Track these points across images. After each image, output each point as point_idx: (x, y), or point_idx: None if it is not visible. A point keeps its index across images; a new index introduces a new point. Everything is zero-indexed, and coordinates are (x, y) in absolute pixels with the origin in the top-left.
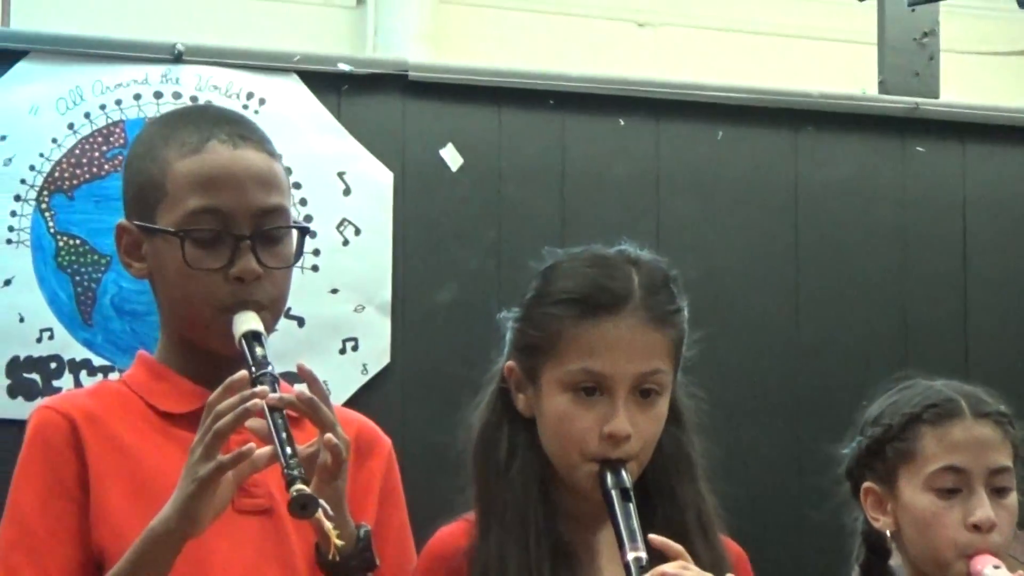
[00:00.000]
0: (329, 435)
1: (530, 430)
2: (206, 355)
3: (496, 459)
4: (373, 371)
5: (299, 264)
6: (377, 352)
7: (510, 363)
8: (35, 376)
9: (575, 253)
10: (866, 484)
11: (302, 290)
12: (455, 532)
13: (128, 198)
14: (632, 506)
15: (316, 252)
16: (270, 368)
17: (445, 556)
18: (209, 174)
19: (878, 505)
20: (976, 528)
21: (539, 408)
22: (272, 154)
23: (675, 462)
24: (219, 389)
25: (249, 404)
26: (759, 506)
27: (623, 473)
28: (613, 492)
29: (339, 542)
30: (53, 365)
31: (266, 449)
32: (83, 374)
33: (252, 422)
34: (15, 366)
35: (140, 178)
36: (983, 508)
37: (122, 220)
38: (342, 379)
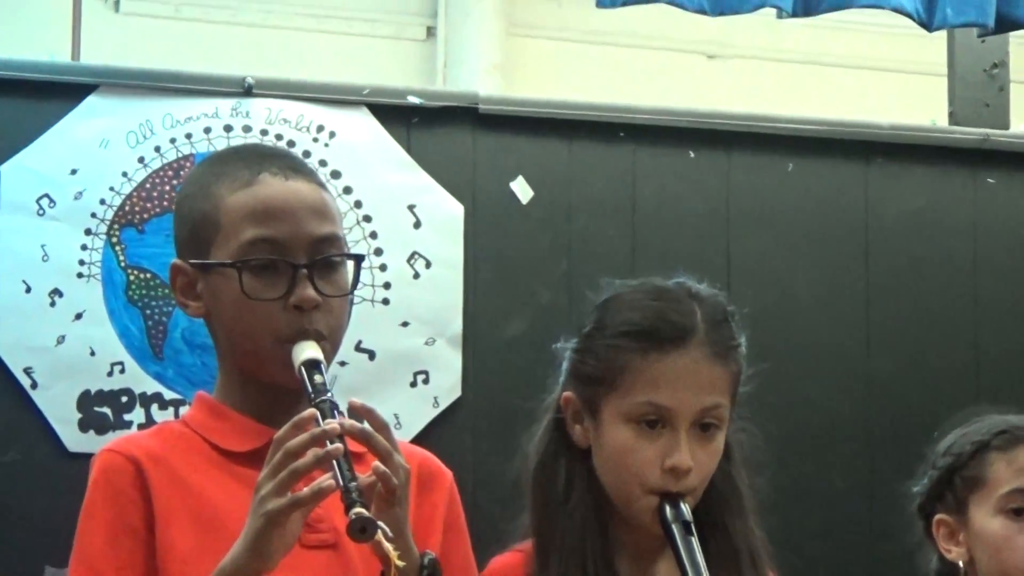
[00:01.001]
0: (376, 463)
1: (586, 461)
2: (265, 390)
3: (554, 490)
4: (444, 404)
5: (369, 298)
6: (448, 385)
7: (567, 393)
8: (106, 410)
9: (635, 285)
10: (938, 516)
11: (373, 323)
12: (511, 563)
13: (181, 238)
14: (694, 539)
15: (387, 285)
16: (329, 395)
17: None
18: (263, 205)
19: (950, 536)
20: None
21: (598, 439)
22: (322, 185)
23: (726, 497)
24: (287, 426)
25: (331, 449)
26: (830, 540)
27: (683, 506)
28: (674, 525)
29: (400, 563)
30: (124, 399)
31: (329, 479)
32: (154, 408)
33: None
34: (86, 400)
35: (193, 216)
36: None
37: (176, 260)
38: (413, 412)
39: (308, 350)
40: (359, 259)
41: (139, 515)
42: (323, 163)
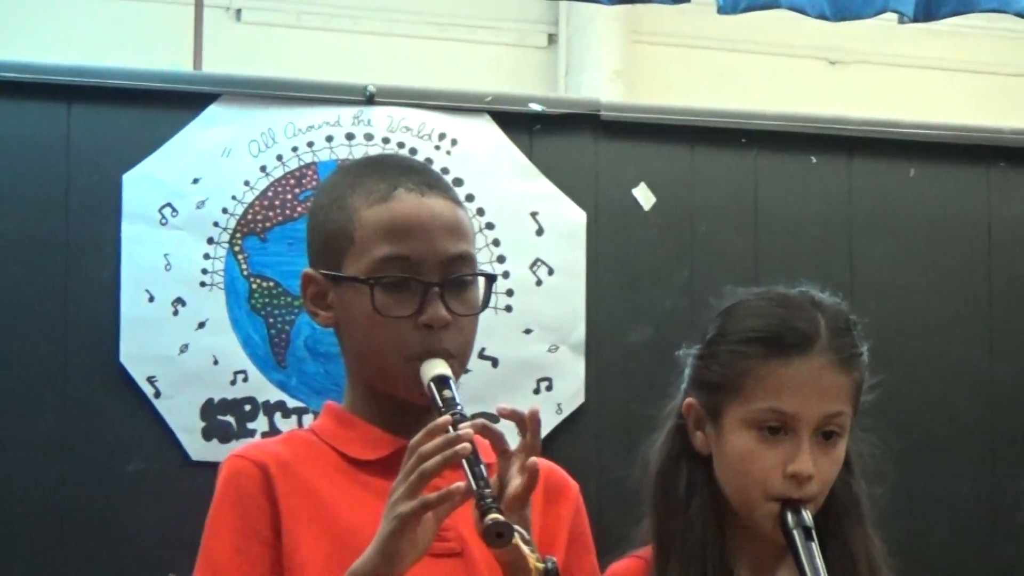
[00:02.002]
0: (532, 459)
1: (707, 468)
2: (394, 403)
3: (675, 497)
4: (567, 411)
5: (492, 305)
6: (571, 392)
7: (689, 400)
8: (229, 418)
9: (758, 293)
10: None
11: (496, 330)
12: (629, 568)
13: (314, 247)
14: (815, 546)
15: (510, 292)
16: (459, 408)
17: None
18: (398, 222)
19: None
20: None
21: (719, 446)
22: (458, 202)
23: (845, 505)
24: (421, 433)
25: (459, 448)
26: (952, 549)
27: (804, 513)
28: (795, 532)
29: (539, 565)
30: (247, 407)
31: (461, 484)
32: (277, 416)
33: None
34: (210, 408)
35: (327, 227)
36: None
37: (308, 269)
38: None
39: (437, 367)
40: (491, 278)
41: (266, 521)
42: (445, 171)
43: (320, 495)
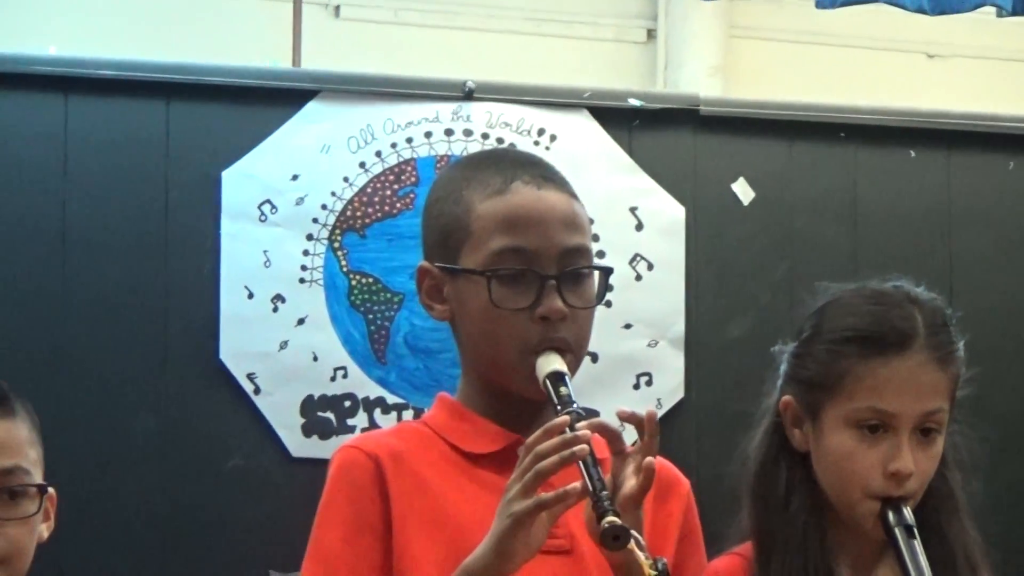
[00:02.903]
0: (649, 459)
1: (805, 465)
2: (509, 397)
3: (774, 495)
4: (668, 406)
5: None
6: (671, 387)
7: (786, 397)
8: (329, 415)
9: (853, 289)
10: None
11: (596, 326)
12: (729, 566)
13: (429, 241)
14: (918, 544)
15: (609, 288)
16: (575, 406)
17: None
18: (515, 214)
19: None
20: None
21: (818, 444)
22: (573, 195)
23: (942, 499)
24: (538, 432)
25: (576, 449)
26: None
27: (906, 511)
28: (897, 530)
29: (652, 572)
30: (347, 404)
31: (576, 485)
32: (377, 412)
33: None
34: (309, 405)
35: (443, 220)
36: None
37: (423, 263)
38: None
39: (553, 363)
40: (607, 272)
41: (377, 513)
42: None
43: (431, 487)
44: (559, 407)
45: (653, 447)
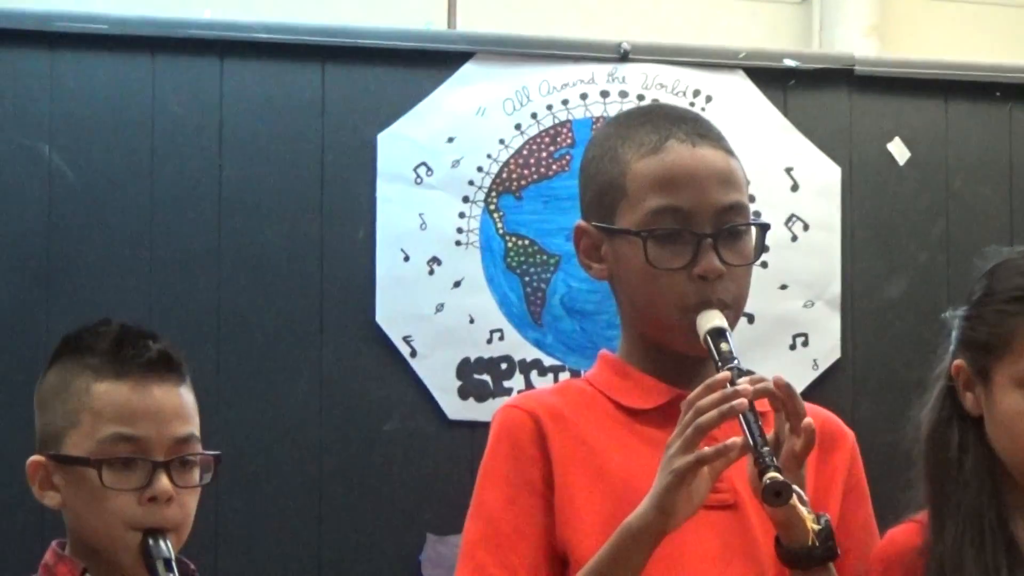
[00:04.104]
0: (808, 420)
1: (979, 429)
2: (670, 354)
3: (948, 459)
4: (823, 367)
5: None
6: (827, 348)
7: (958, 362)
8: (486, 377)
9: (1022, 250)
10: None
11: (752, 287)
12: (907, 531)
13: (586, 200)
14: None
15: (766, 248)
16: (736, 362)
17: (899, 556)
18: (669, 173)
19: None
20: None
21: (990, 406)
22: (729, 152)
23: None
24: (700, 387)
25: (736, 403)
26: None
27: None
28: None
29: (815, 527)
30: (504, 366)
31: (737, 439)
32: (533, 374)
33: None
34: (466, 368)
35: (598, 179)
36: None
37: (580, 221)
38: (792, 375)
39: (713, 319)
40: (765, 228)
41: (539, 472)
42: None
43: (594, 445)
44: (720, 363)
45: (799, 407)
